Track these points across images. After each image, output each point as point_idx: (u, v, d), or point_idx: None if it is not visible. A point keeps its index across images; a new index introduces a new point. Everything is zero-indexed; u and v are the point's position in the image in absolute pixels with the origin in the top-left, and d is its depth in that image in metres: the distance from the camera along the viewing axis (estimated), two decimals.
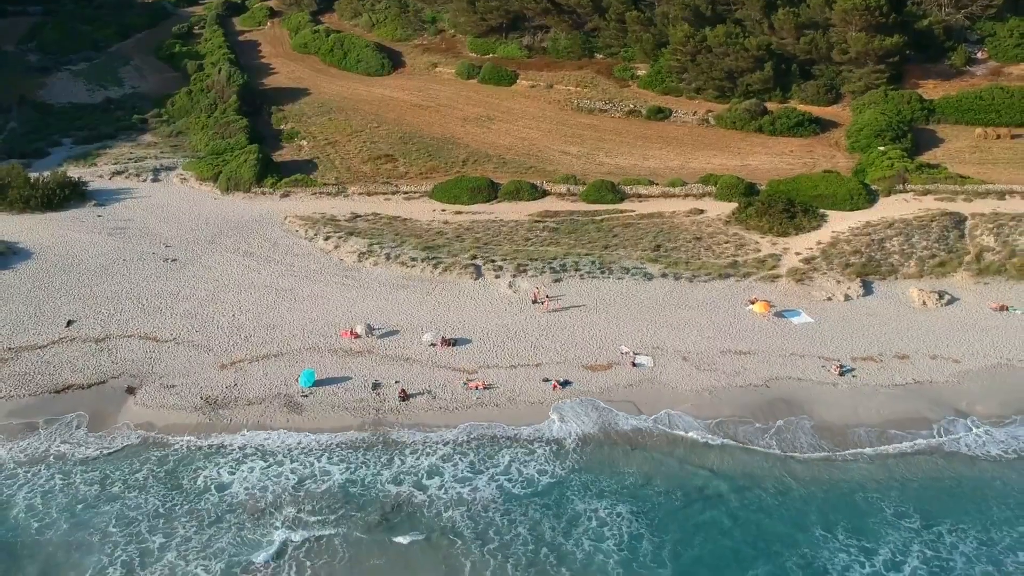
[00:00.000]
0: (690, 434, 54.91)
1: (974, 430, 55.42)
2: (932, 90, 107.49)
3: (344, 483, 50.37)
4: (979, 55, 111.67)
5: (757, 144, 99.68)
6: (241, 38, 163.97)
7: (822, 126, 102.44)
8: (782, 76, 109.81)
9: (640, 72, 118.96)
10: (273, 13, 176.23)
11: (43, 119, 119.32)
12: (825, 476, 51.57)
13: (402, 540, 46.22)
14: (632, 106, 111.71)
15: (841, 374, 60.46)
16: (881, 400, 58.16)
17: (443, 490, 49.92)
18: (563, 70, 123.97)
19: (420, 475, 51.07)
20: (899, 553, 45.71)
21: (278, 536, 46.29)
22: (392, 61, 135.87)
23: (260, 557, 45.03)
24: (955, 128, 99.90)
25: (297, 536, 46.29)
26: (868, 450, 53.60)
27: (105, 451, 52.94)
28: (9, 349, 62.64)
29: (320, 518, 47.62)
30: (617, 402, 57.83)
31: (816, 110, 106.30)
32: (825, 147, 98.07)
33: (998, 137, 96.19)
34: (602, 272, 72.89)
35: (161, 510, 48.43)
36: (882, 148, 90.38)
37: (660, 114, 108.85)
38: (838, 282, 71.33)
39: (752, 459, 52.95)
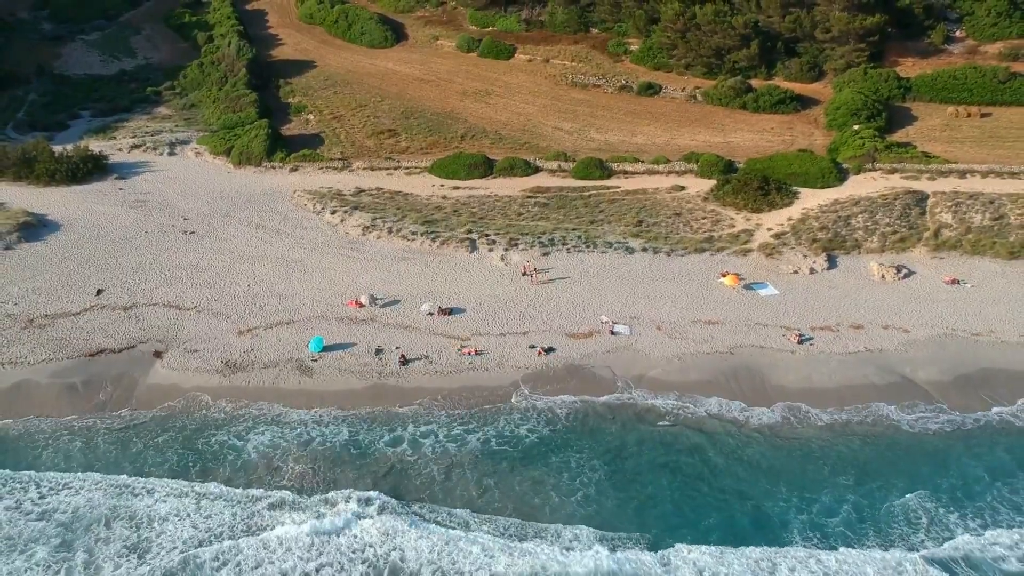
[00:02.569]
0: (659, 399, 61.21)
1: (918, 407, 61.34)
2: (911, 67, 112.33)
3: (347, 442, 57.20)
4: (957, 34, 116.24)
5: (740, 121, 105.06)
6: (248, 7, 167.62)
7: (803, 103, 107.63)
8: (767, 53, 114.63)
9: (633, 47, 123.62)
10: None
11: (61, 90, 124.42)
12: (775, 436, 57.94)
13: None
14: (624, 81, 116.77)
15: (800, 342, 66.67)
16: (834, 367, 64.43)
17: (433, 448, 56.54)
18: (560, 44, 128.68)
19: (416, 434, 57.58)
20: (834, 502, 52.39)
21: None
22: (395, 33, 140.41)
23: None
24: (929, 106, 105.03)
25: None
26: (815, 414, 59.83)
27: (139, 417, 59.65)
28: (46, 316, 68.99)
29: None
30: (596, 367, 64.21)
31: (799, 87, 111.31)
32: (805, 124, 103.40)
33: (968, 115, 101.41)
34: (587, 246, 78.93)
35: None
36: (856, 127, 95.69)
37: (650, 90, 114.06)
38: (805, 256, 77.38)
39: (712, 420, 59.31)
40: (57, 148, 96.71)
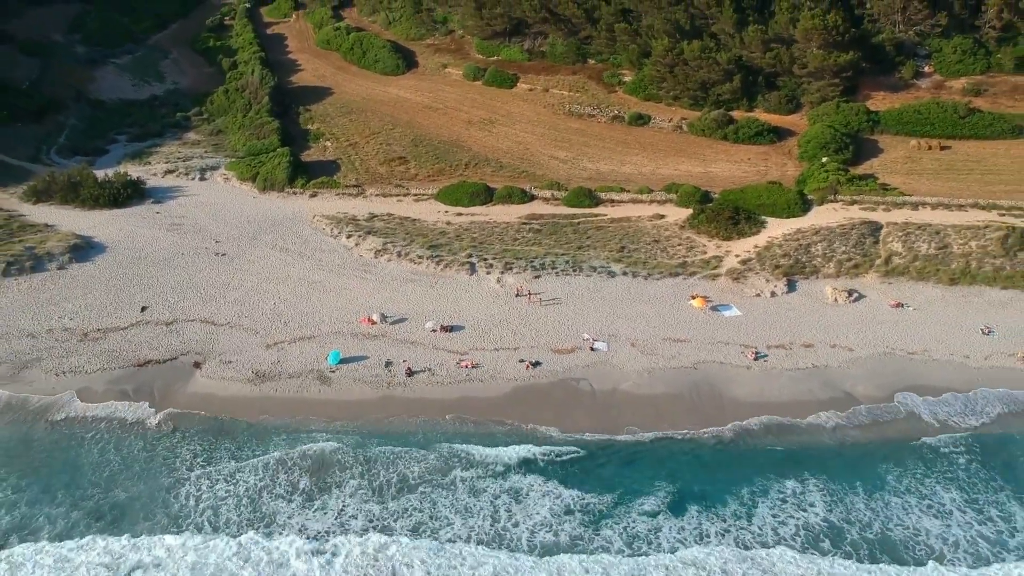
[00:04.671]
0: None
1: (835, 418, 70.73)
2: (881, 101, 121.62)
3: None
4: (926, 69, 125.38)
5: (721, 151, 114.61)
6: (269, 31, 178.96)
7: (779, 135, 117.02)
8: (749, 87, 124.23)
9: (627, 78, 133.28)
10: (297, 4, 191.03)
11: (97, 115, 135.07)
12: (726, 439, 67.44)
13: None
14: (616, 112, 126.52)
15: (756, 359, 76.17)
16: (784, 381, 73.91)
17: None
18: (559, 74, 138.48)
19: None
20: (765, 489, 62.51)
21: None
22: (406, 61, 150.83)
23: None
24: (895, 138, 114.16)
25: None
26: (757, 422, 69.44)
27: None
28: (98, 330, 79.06)
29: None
30: (577, 379, 73.95)
31: (777, 119, 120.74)
32: (779, 155, 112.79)
33: (929, 148, 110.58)
34: (574, 270, 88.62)
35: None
36: (824, 159, 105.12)
37: (640, 120, 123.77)
38: (767, 281, 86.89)
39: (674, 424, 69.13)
40: (99, 173, 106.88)
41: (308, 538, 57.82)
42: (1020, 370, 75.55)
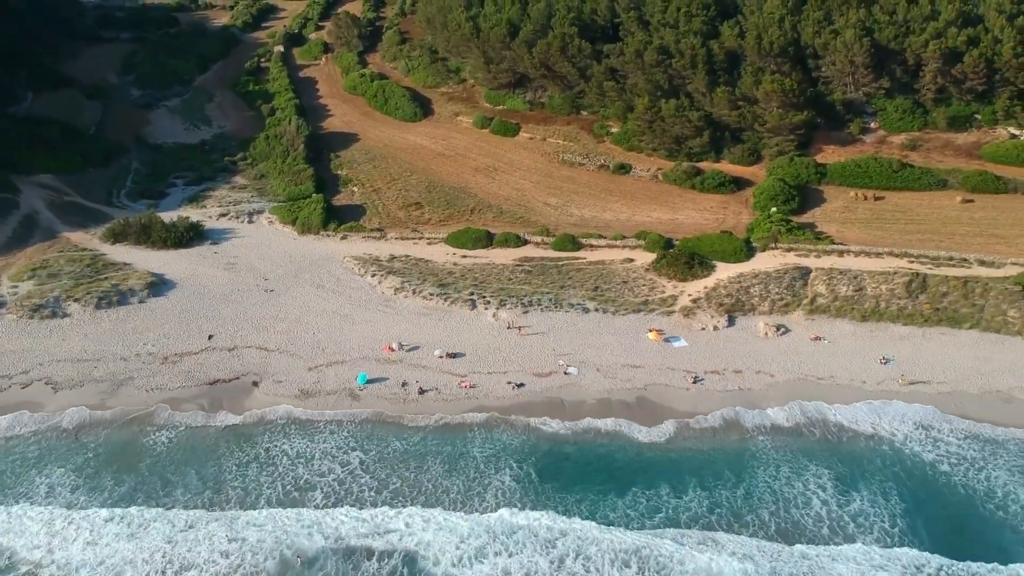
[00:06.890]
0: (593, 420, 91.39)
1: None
2: (831, 154, 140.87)
3: None
4: (872, 125, 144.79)
5: (689, 200, 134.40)
6: (301, 73, 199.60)
7: (740, 185, 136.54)
8: (717, 141, 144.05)
9: (614, 130, 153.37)
10: (326, 47, 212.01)
11: (156, 159, 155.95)
12: (667, 446, 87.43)
13: None
14: (603, 161, 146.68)
15: (694, 382, 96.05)
16: (715, 400, 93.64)
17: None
18: (555, 124, 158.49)
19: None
20: (688, 484, 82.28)
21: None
22: (423, 109, 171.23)
23: None
24: (838, 189, 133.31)
25: None
26: (693, 430, 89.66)
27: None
28: (175, 355, 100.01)
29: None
30: (551, 397, 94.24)
31: (740, 169, 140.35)
32: (737, 204, 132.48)
33: (865, 199, 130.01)
34: (556, 306, 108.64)
35: None
36: (773, 209, 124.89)
37: (622, 169, 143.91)
38: (712, 317, 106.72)
39: (623, 434, 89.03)
40: (165, 216, 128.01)
41: None
42: (903, 392, 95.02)
